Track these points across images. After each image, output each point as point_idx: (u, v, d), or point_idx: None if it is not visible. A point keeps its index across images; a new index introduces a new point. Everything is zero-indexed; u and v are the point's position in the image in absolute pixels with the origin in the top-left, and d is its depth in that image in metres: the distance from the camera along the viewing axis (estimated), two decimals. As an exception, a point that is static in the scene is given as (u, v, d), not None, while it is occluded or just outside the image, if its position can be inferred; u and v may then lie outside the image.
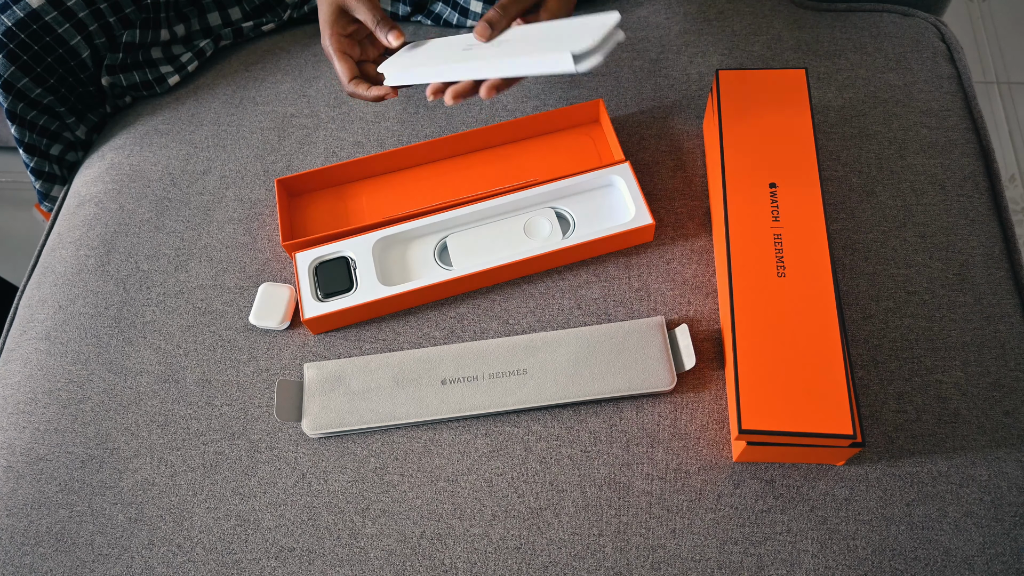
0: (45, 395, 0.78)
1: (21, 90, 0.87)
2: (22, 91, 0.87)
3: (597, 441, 0.70)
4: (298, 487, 0.71)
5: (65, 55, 0.87)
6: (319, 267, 0.78)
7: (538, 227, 0.78)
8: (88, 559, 0.70)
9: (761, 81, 0.76)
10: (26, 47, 0.85)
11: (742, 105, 0.75)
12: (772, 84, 0.75)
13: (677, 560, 0.65)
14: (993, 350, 0.71)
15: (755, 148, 0.72)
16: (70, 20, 0.86)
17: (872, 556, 0.64)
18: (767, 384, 0.62)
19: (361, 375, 0.73)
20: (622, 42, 0.64)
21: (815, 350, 0.63)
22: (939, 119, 0.83)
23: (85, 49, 0.88)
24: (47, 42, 0.86)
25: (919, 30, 0.89)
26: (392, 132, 0.90)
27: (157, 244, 0.85)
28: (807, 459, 0.67)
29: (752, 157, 0.72)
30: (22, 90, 0.87)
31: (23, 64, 0.85)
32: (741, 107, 0.75)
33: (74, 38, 0.87)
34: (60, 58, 0.87)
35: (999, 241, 0.77)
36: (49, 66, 0.87)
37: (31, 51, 0.85)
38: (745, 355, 0.64)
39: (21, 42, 0.84)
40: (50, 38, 0.86)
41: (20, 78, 0.86)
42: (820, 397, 0.61)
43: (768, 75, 0.76)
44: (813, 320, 0.64)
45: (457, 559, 0.66)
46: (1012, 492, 0.65)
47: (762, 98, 0.75)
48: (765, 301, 0.65)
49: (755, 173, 0.71)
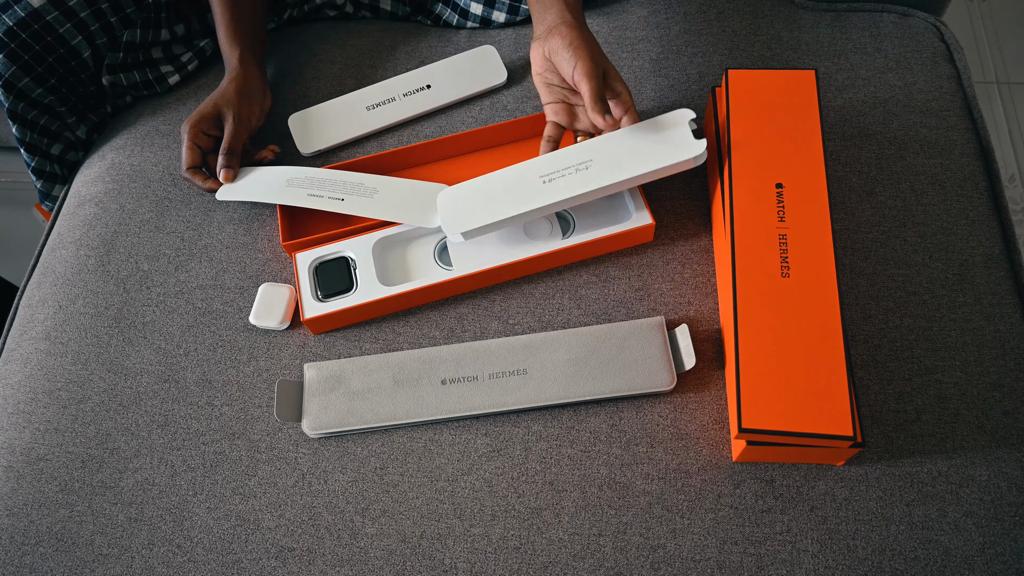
0: (45, 395, 0.78)
1: (22, 90, 0.87)
2: (23, 91, 0.87)
3: (597, 441, 0.70)
4: (298, 487, 0.71)
5: (66, 55, 0.87)
6: (319, 267, 0.78)
7: (538, 227, 0.78)
8: (88, 559, 0.70)
9: (770, 81, 0.75)
10: (27, 47, 0.85)
11: (751, 105, 0.74)
12: (781, 84, 0.75)
13: (677, 560, 0.65)
14: (993, 350, 0.71)
15: (763, 148, 0.72)
16: (71, 20, 0.86)
17: (872, 556, 0.64)
18: (768, 384, 0.62)
19: (361, 375, 0.73)
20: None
21: (817, 351, 0.63)
22: (939, 119, 0.83)
23: (86, 49, 0.89)
24: (48, 42, 0.86)
25: (919, 30, 0.89)
26: (392, 133, 0.90)
27: (157, 244, 0.85)
28: (807, 459, 0.67)
29: (759, 157, 0.72)
30: (23, 90, 0.87)
31: (24, 64, 0.85)
32: (750, 107, 0.74)
33: (75, 38, 0.87)
34: (61, 58, 0.87)
35: (999, 241, 0.77)
36: (50, 66, 0.87)
37: (32, 51, 0.85)
38: (747, 354, 0.64)
39: (22, 42, 0.84)
40: (51, 38, 0.86)
41: (21, 78, 0.86)
42: (821, 398, 0.61)
43: (777, 75, 0.75)
44: (816, 321, 0.64)
45: (457, 559, 0.66)
46: (1012, 492, 0.65)
47: (771, 98, 0.74)
48: (768, 301, 0.65)
49: (762, 173, 0.71)
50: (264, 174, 0.82)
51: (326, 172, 0.81)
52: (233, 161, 0.82)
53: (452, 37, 0.95)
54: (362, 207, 0.78)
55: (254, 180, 0.82)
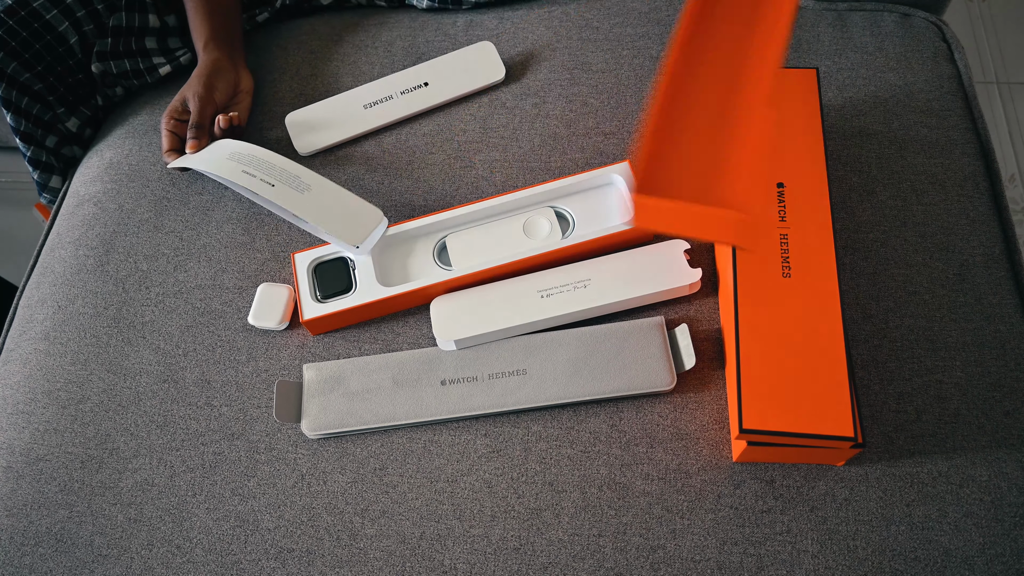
0: (45, 395, 0.78)
1: (12, 76, 0.88)
2: (13, 77, 0.88)
3: (597, 441, 0.70)
4: (297, 488, 0.71)
5: (53, 41, 0.88)
6: (318, 267, 0.78)
7: (538, 227, 0.78)
8: (88, 559, 0.70)
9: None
10: (14, 33, 0.86)
11: None
12: (782, 83, 0.75)
13: (677, 560, 0.65)
14: (993, 350, 0.71)
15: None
16: (58, 6, 0.87)
17: (872, 556, 0.64)
18: (769, 384, 0.62)
19: (360, 376, 0.73)
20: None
21: (818, 351, 0.63)
22: (939, 119, 0.83)
23: (73, 35, 0.89)
24: (35, 28, 0.87)
25: (919, 30, 0.89)
26: (390, 131, 0.89)
27: (156, 244, 0.85)
28: (807, 459, 0.67)
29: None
30: (13, 76, 0.88)
31: (12, 50, 0.86)
32: None
33: (62, 24, 0.88)
34: (48, 45, 0.88)
35: (999, 241, 0.77)
36: (37, 53, 0.88)
37: (19, 37, 0.86)
38: (748, 355, 0.64)
39: (9, 28, 0.85)
40: (38, 24, 0.87)
41: (9, 63, 0.86)
42: (822, 398, 0.61)
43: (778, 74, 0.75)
44: (817, 321, 0.64)
45: (457, 560, 0.66)
46: (1012, 492, 0.65)
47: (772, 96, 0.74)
48: (769, 301, 0.65)
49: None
50: (218, 147, 0.82)
51: (271, 155, 0.79)
52: (199, 134, 0.83)
53: (449, 31, 0.95)
54: (288, 199, 0.76)
55: (207, 151, 0.82)
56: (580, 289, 0.73)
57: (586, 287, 0.73)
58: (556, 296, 0.73)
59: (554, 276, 0.75)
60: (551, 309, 0.73)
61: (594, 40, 0.91)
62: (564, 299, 0.73)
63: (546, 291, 0.74)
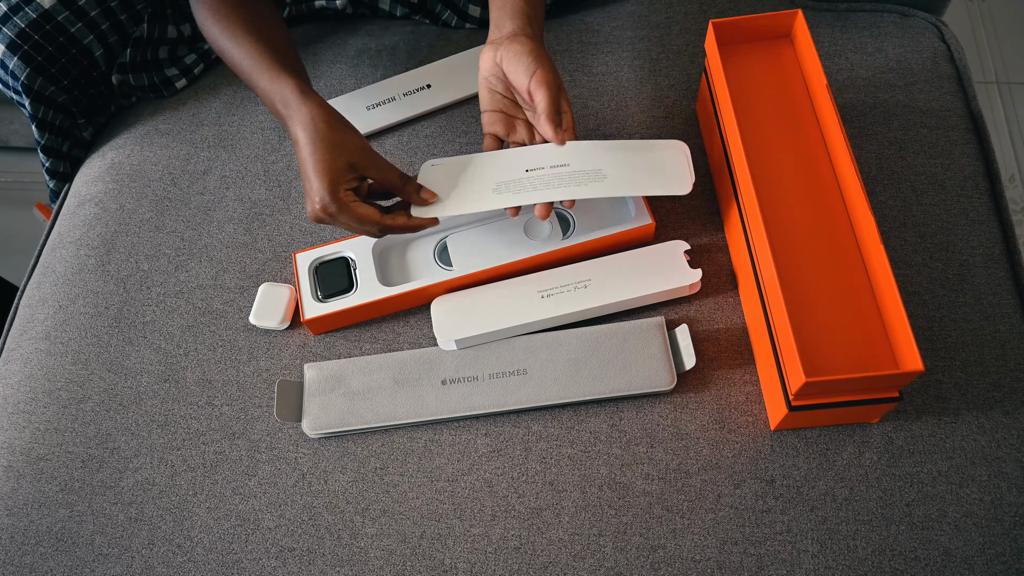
0: (45, 395, 0.78)
1: (39, 92, 0.87)
2: (39, 92, 0.87)
3: (597, 441, 0.70)
4: (298, 487, 0.71)
5: (78, 55, 0.87)
6: (319, 267, 0.78)
7: (538, 227, 0.78)
8: (88, 559, 0.70)
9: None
10: (40, 48, 0.84)
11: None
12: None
13: (677, 560, 0.65)
14: (993, 350, 0.71)
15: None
16: (82, 19, 0.86)
17: (872, 556, 0.64)
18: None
19: (361, 375, 0.73)
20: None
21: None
22: (939, 119, 0.83)
23: (98, 48, 0.88)
24: (61, 42, 0.85)
25: (919, 30, 0.89)
26: (392, 132, 0.90)
27: (157, 244, 0.85)
28: (847, 419, 0.66)
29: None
30: (39, 91, 0.87)
31: (38, 65, 0.85)
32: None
33: (87, 37, 0.87)
34: (74, 58, 0.87)
35: (999, 241, 0.77)
36: (63, 67, 0.87)
37: (45, 52, 0.85)
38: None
39: (35, 43, 0.84)
40: (63, 38, 0.86)
41: (35, 79, 0.86)
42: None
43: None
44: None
45: (457, 559, 0.66)
46: (1012, 492, 0.65)
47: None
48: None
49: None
50: (461, 183, 0.72)
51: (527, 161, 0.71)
52: (413, 180, 0.72)
53: (452, 36, 0.95)
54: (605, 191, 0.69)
55: (455, 192, 0.72)
56: (580, 289, 0.73)
57: (586, 287, 0.73)
58: (556, 296, 0.73)
59: (554, 276, 0.75)
60: (551, 309, 0.73)
61: (594, 43, 0.91)
62: (564, 299, 0.73)
63: (546, 291, 0.74)
